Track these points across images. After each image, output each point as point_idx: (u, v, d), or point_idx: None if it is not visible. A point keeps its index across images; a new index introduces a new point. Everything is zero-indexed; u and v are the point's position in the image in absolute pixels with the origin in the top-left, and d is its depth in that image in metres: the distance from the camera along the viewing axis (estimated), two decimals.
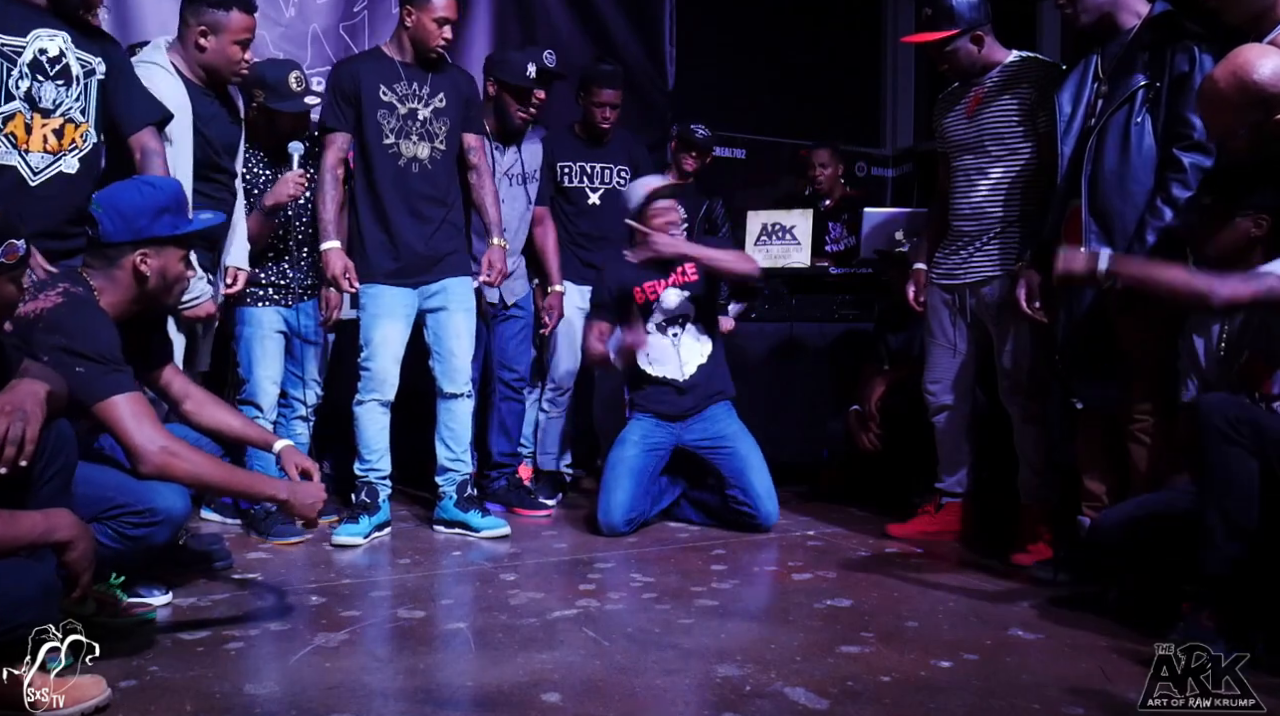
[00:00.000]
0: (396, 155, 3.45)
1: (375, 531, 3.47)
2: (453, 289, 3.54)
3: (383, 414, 3.52)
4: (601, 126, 4.17)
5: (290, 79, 3.41)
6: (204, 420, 2.60)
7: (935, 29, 3.23)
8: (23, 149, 2.56)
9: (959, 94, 3.33)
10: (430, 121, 3.49)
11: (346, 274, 3.39)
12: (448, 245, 3.54)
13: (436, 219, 3.51)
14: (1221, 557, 2.19)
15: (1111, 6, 2.85)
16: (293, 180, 3.40)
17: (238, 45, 3.05)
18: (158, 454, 2.23)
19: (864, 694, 2.09)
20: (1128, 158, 2.78)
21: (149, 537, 2.24)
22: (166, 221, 2.39)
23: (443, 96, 3.50)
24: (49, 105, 2.59)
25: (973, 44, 3.22)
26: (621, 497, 3.57)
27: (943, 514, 3.50)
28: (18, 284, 2.00)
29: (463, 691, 2.13)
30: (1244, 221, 2.39)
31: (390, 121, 3.44)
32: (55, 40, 2.58)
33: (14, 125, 2.54)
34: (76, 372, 2.17)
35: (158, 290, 2.43)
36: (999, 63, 3.25)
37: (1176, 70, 2.71)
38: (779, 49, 6.26)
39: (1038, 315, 3.02)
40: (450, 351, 3.53)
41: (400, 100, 3.45)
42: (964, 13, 3.19)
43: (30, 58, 2.54)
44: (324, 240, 3.41)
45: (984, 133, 3.23)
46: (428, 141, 3.49)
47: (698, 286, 3.77)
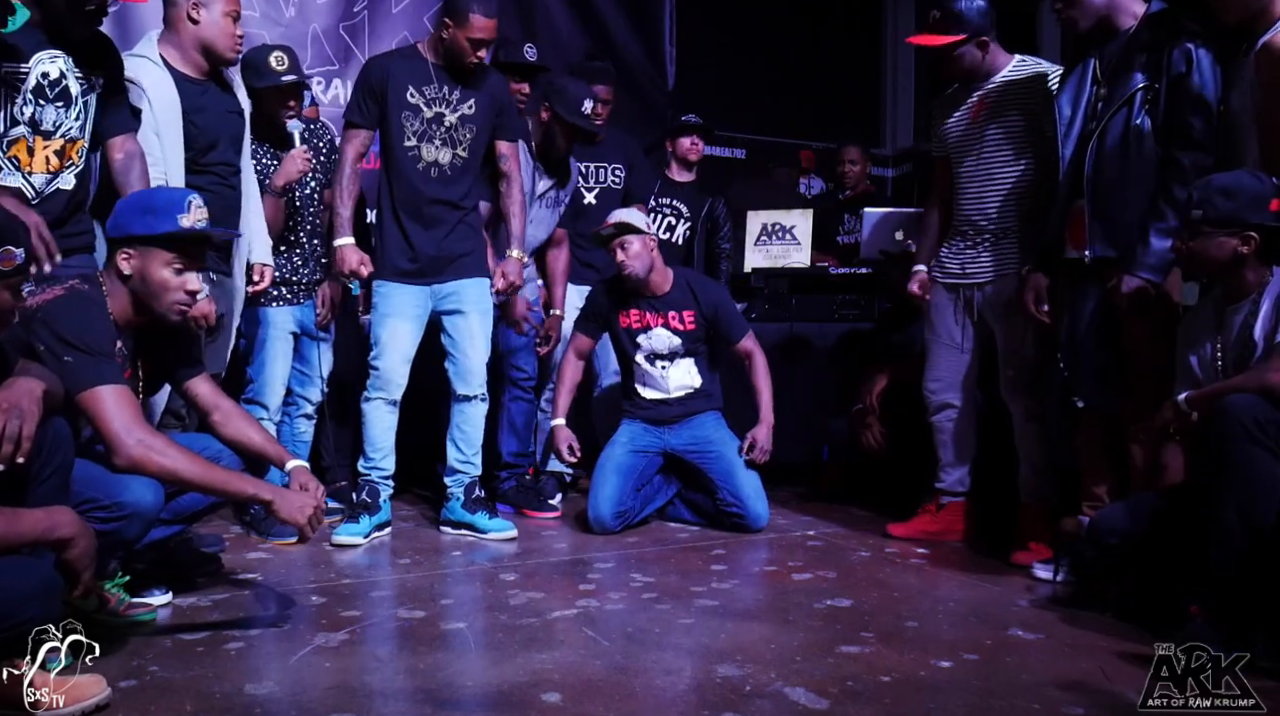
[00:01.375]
0: (416, 158, 3.43)
1: (376, 531, 3.47)
2: (468, 291, 3.50)
3: (389, 413, 3.50)
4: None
5: (271, 58, 3.40)
6: (228, 432, 2.59)
7: (943, 32, 3.22)
8: (26, 171, 2.59)
9: (959, 98, 3.33)
10: (456, 127, 3.44)
11: (363, 264, 3.39)
12: (462, 246, 3.50)
13: (451, 222, 3.47)
14: (1237, 558, 2.20)
15: (1108, 9, 2.85)
16: (299, 157, 3.40)
17: (229, 17, 3.00)
18: (134, 447, 2.23)
19: (864, 694, 2.09)
20: (1129, 159, 2.78)
21: (118, 532, 2.22)
22: (145, 221, 2.38)
23: (473, 103, 3.46)
24: (50, 127, 2.61)
25: (978, 50, 3.22)
26: (608, 492, 3.62)
27: (943, 514, 3.50)
28: (16, 292, 2.01)
29: (463, 691, 2.13)
30: (1230, 239, 2.39)
31: (413, 124, 3.41)
32: (56, 63, 2.59)
33: (18, 149, 2.57)
34: (65, 362, 2.18)
35: (142, 293, 2.40)
36: (1001, 68, 3.25)
37: (1174, 70, 2.71)
38: (779, 49, 6.27)
39: (1043, 317, 3.02)
40: (465, 353, 3.50)
41: (428, 103, 3.42)
42: (972, 18, 3.18)
43: (34, 83, 2.56)
44: (338, 236, 3.39)
45: (989, 138, 3.24)
46: (450, 147, 3.45)
47: (694, 336, 3.79)
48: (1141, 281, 2.71)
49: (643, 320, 3.78)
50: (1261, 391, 2.24)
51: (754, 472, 3.71)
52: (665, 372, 3.80)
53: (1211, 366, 2.49)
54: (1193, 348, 2.56)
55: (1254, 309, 2.40)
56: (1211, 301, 2.54)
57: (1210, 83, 2.69)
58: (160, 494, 2.29)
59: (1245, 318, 2.42)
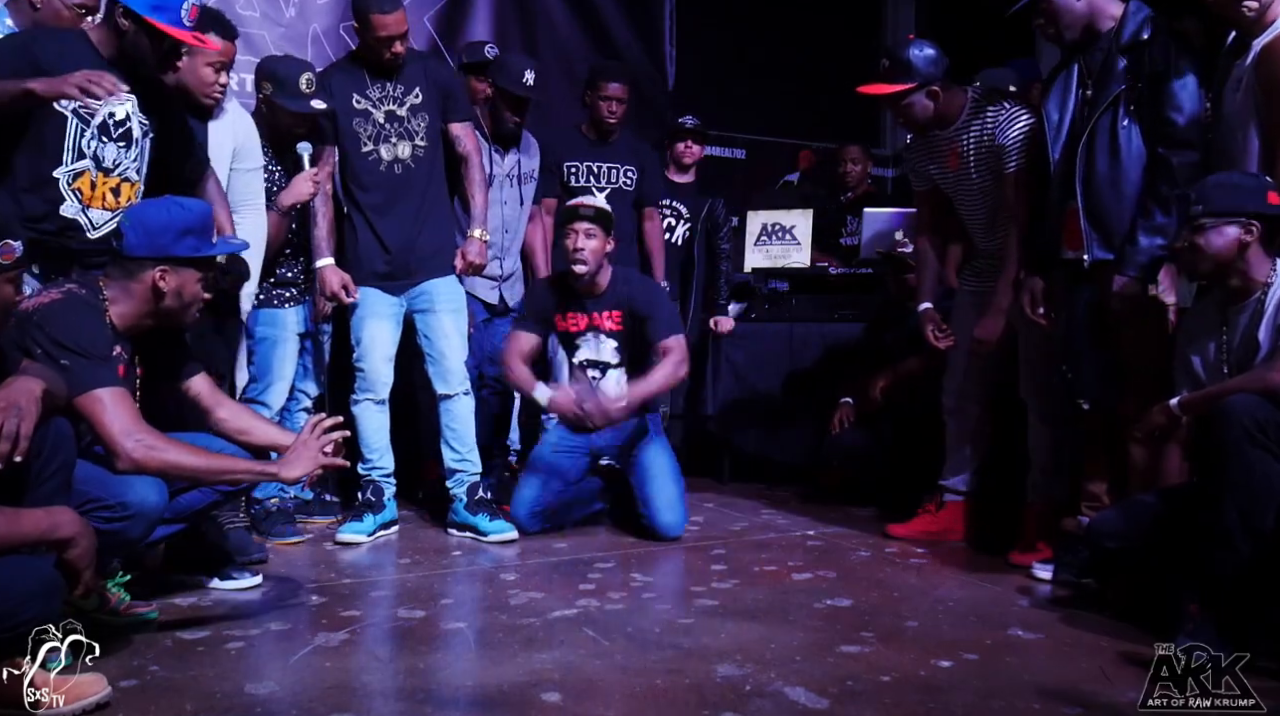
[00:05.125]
0: (378, 161, 3.47)
1: (381, 530, 3.48)
2: (438, 290, 3.52)
3: (379, 412, 3.52)
4: (609, 121, 4.16)
5: (301, 80, 3.40)
6: (232, 427, 2.61)
7: (891, 82, 3.20)
8: (86, 204, 2.64)
9: (933, 144, 3.33)
10: (408, 119, 3.48)
11: (345, 287, 3.43)
12: (433, 244, 3.53)
13: (422, 217, 3.51)
14: (1236, 559, 2.20)
15: (1090, 15, 2.86)
16: (309, 179, 3.41)
17: (210, 67, 3.02)
18: (134, 447, 2.25)
19: (864, 694, 2.09)
20: (1118, 160, 2.79)
21: (122, 532, 2.23)
22: (189, 243, 2.42)
23: (418, 91, 3.49)
24: (110, 165, 2.66)
25: (928, 99, 3.20)
26: (527, 494, 3.57)
27: (943, 513, 3.50)
28: (15, 285, 2.02)
29: (463, 691, 2.13)
30: (1232, 227, 2.39)
31: (366, 128, 3.46)
32: (125, 105, 2.65)
33: (81, 182, 2.63)
34: (62, 366, 2.19)
35: (174, 308, 2.45)
36: (958, 111, 3.23)
37: (1154, 69, 2.72)
38: (779, 49, 6.26)
39: (1039, 319, 3.02)
40: (441, 353, 3.52)
41: (375, 104, 3.46)
42: (920, 67, 3.15)
43: (100, 120, 2.62)
44: (318, 257, 3.44)
45: (975, 182, 3.24)
46: (408, 140, 3.48)
47: (623, 337, 3.65)
48: (1129, 279, 2.73)
49: (577, 322, 3.67)
50: (1264, 392, 2.24)
51: (671, 482, 3.58)
52: (596, 383, 3.64)
53: (1215, 366, 2.49)
54: (1195, 347, 2.56)
55: (1258, 309, 2.40)
56: (1214, 301, 2.54)
57: (1191, 81, 2.70)
58: (164, 493, 2.30)
59: (1250, 317, 2.42)
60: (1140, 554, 2.53)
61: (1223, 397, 2.30)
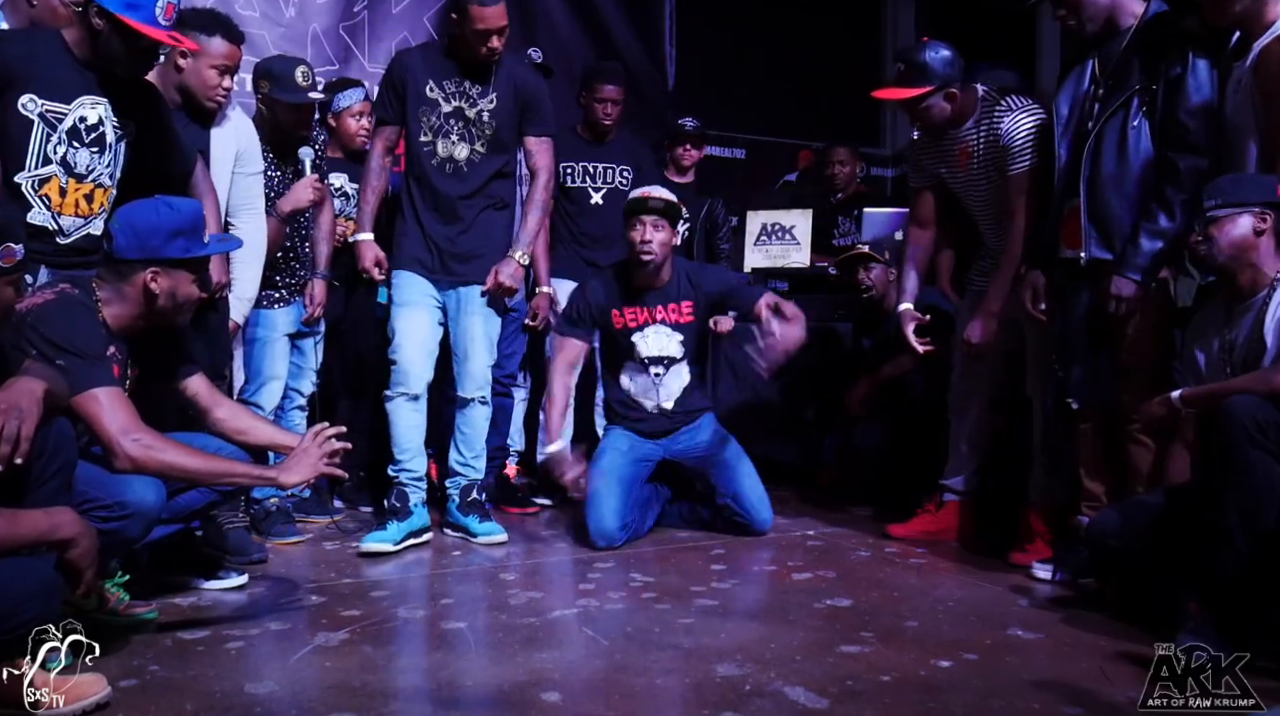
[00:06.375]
0: (431, 154, 3.40)
1: (410, 538, 3.34)
2: (474, 293, 3.45)
3: (412, 410, 3.40)
4: (604, 123, 4.15)
5: (297, 72, 3.39)
6: (230, 427, 2.60)
7: (909, 85, 3.19)
8: (55, 211, 2.57)
9: (942, 144, 3.33)
10: (476, 123, 3.39)
11: (378, 263, 3.40)
12: (478, 246, 3.44)
13: (468, 219, 3.43)
14: (1237, 559, 2.20)
15: (1112, 8, 2.85)
16: (310, 186, 3.40)
17: (215, 70, 2.98)
18: (132, 447, 2.25)
19: (864, 694, 2.09)
20: (1125, 161, 2.78)
21: (120, 532, 2.22)
22: (179, 244, 2.40)
23: (495, 97, 3.39)
24: (82, 171, 2.60)
25: (945, 101, 3.19)
26: (614, 505, 3.44)
27: (943, 513, 3.50)
28: (16, 287, 2.02)
29: (463, 690, 2.13)
30: (1247, 216, 2.40)
31: (430, 119, 3.38)
32: (97, 109, 2.59)
33: (49, 188, 2.55)
34: (58, 366, 2.19)
35: (167, 309, 2.44)
36: (972, 110, 3.23)
37: (1171, 73, 2.71)
38: (779, 49, 6.26)
39: (1039, 315, 3.02)
40: (466, 355, 3.46)
41: (447, 98, 3.38)
42: (937, 69, 3.15)
43: (70, 124, 2.56)
44: (359, 230, 3.42)
45: (986, 179, 3.24)
46: (468, 143, 3.39)
47: (692, 329, 3.66)
48: (1129, 282, 2.72)
49: (638, 317, 3.64)
50: (1267, 394, 2.24)
51: (757, 478, 3.66)
52: (660, 379, 3.66)
53: (1219, 364, 2.49)
54: (1200, 344, 2.56)
55: (1265, 308, 2.40)
56: (1221, 299, 2.54)
57: (1207, 86, 2.69)
58: (162, 493, 2.30)
59: (1256, 316, 2.42)
60: (1140, 553, 2.53)
61: (1225, 395, 2.31)
